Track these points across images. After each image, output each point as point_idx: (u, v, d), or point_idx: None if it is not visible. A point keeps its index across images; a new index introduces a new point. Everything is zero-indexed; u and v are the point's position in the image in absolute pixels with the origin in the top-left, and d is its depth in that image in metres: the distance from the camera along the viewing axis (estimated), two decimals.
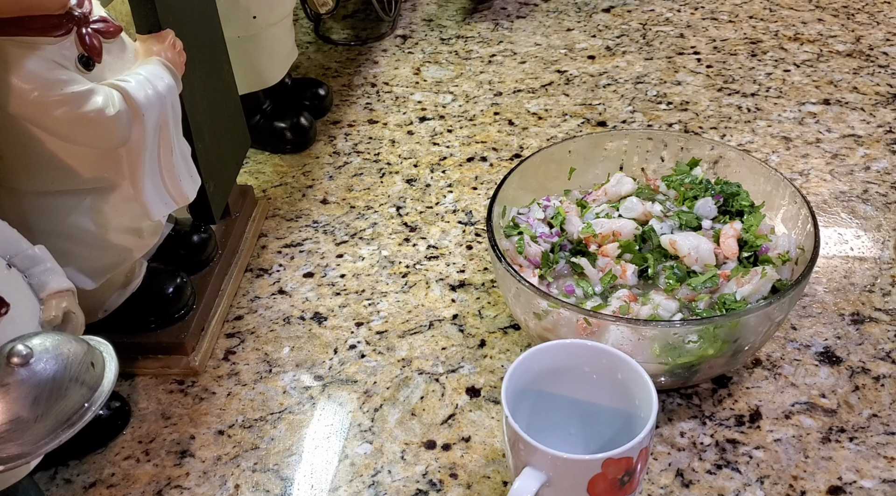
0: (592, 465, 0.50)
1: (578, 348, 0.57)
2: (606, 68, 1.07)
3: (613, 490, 0.52)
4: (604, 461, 0.49)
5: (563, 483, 0.51)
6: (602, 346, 0.57)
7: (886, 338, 0.72)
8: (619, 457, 0.50)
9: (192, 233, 0.77)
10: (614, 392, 0.57)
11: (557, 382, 0.58)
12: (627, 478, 0.51)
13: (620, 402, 0.57)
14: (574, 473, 0.51)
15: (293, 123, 0.95)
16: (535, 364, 0.57)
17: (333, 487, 0.63)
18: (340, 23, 1.20)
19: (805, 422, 0.65)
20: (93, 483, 0.64)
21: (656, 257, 0.69)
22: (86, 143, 0.59)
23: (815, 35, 1.11)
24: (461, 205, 0.88)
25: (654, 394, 0.53)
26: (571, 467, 0.50)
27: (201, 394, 0.70)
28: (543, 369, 0.57)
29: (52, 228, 0.62)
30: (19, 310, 0.50)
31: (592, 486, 0.51)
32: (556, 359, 0.57)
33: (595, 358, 0.57)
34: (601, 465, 0.50)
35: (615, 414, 0.57)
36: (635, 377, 0.55)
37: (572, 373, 0.58)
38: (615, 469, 0.50)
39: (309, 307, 0.77)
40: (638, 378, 0.55)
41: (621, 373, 0.56)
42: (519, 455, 0.52)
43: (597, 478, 0.50)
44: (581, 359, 0.57)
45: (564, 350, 0.57)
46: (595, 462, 0.50)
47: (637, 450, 0.51)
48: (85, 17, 0.57)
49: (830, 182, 0.88)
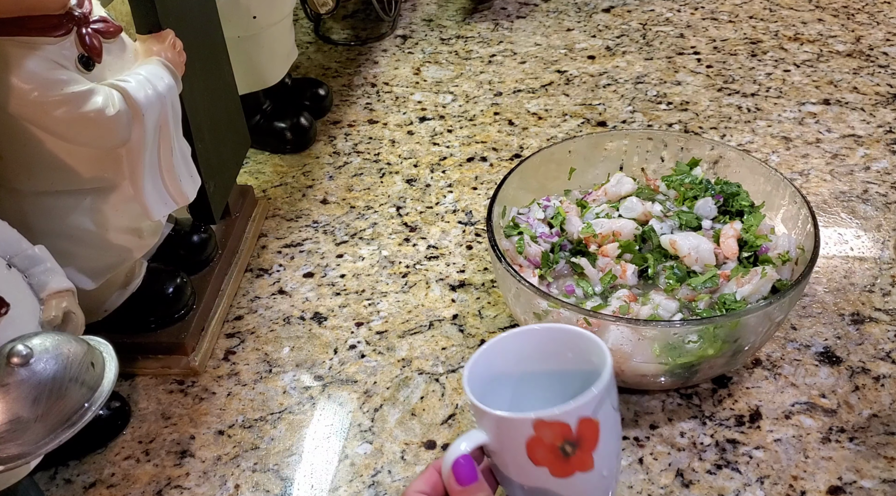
0: (524, 426, 0.47)
1: (552, 333, 0.54)
2: (606, 68, 1.07)
3: (557, 460, 0.48)
4: (534, 422, 0.47)
5: (502, 444, 0.49)
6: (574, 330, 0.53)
7: (886, 338, 0.72)
8: (550, 419, 0.47)
9: (192, 233, 0.77)
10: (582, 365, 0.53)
11: (539, 363, 0.55)
12: (571, 449, 0.48)
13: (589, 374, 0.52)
14: (509, 434, 0.48)
15: (293, 123, 0.95)
16: (513, 346, 0.54)
17: (333, 487, 0.63)
18: (340, 23, 1.20)
19: (805, 422, 0.65)
20: (93, 483, 0.64)
21: (656, 257, 0.69)
22: (86, 143, 0.59)
23: (815, 35, 1.11)
24: (461, 205, 0.88)
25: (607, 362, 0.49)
26: (504, 426, 0.48)
27: (201, 394, 0.70)
28: (522, 353, 0.54)
29: (52, 228, 0.62)
30: (19, 310, 0.50)
31: (531, 451, 0.48)
32: (529, 345, 0.54)
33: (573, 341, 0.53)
34: (532, 426, 0.47)
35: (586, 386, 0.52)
36: (594, 349, 0.51)
37: (555, 356, 0.55)
38: (550, 434, 0.47)
39: (309, 307, 0.77)
40: (596, 349, 0.51)
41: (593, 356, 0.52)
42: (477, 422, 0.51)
43: (533, 443, 0.47)
44: (557, 344, 0.54)
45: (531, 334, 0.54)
46: (525, 422, 0.47)
47: (574, 417, 0.47)
48: (85, 17, 0.57)
49: (830, 182, 0.88)
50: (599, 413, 0.48)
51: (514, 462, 0.49)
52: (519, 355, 0.55)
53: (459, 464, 0.48)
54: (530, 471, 0.49)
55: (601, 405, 0.48)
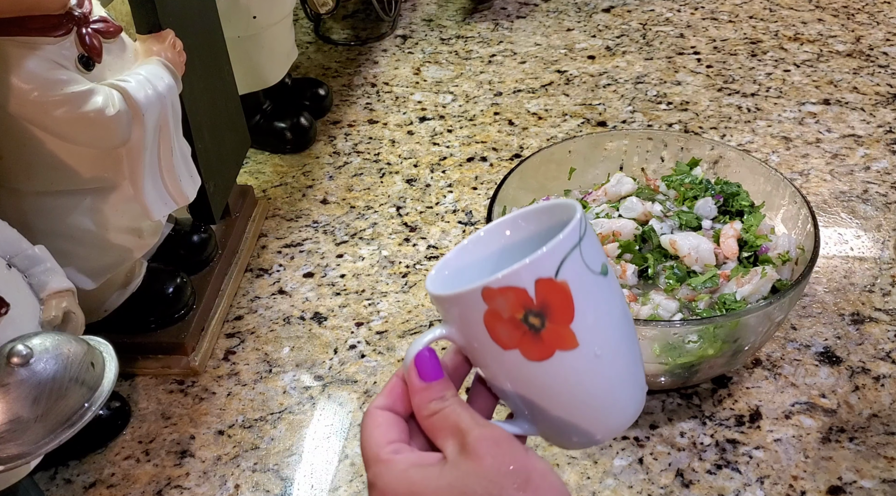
0: (473, 300, 0.40)
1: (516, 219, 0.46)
2: (606, 68, 1.07)
3: (525, 337, 0.40)
4: (482, 290, 0.39)
5: (461, 327, 0.42)
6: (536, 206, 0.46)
7: (886, 338, 0.72)
8: (499, 285, 0.39)
9: (192, 233, 0.77)
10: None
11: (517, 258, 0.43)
12: (538, 322, 0.40)
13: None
14: (462, 313, 0.41)
15: (293, 123, 0.95)
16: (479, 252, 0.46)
17: (333, 487, 0.63)
18: (340, 23, 1.20)
19: (805, 422, 0.65)
20: (93, 483, 0.64)
21: (656, 257, 0.69)
22: (86, 143, 0.59)
23: (815, 35, 1.11)
24: (461, 205, 0.88)
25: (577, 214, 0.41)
26: (455, 305, 0.41)
27: (201, 394, 0.70)
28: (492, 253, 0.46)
29: (52, 228, 0.62)
30: (19, 310, 0.50)
31: (492, 329, 0.40)
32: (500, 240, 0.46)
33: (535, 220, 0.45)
34: (482, 297, 0.40)
35: None
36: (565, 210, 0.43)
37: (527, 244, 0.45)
38: (504, 303, 0.40)
39: (309, 307, 0.77)
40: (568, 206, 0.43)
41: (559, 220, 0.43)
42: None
43: (490, 317, 0.40)
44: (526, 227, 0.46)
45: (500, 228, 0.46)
46: (474, 293, 0.40)
47: (527, 278, 0.39)
48: (85, 17, 0.57)
49: (830, 182, 0.88)
50: (566, 273, 0.40)
51: (483, 351, 0.42)
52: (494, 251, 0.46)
53: (423, 357, 0.42)
54: (503, 359, 0.41)
55: (567, 263, 0.40)
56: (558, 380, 0.41)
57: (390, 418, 0.41)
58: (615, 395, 0.42)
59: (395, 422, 0.41)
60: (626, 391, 0.43)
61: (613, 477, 0.62)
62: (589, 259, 0.40)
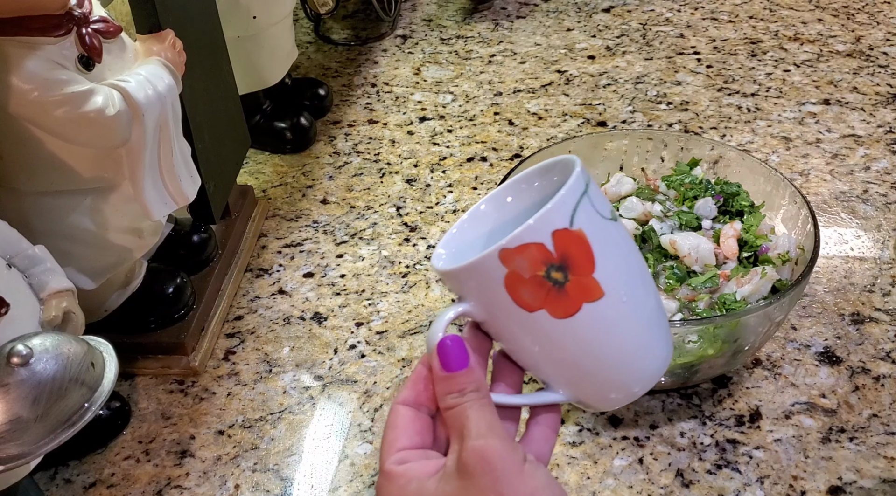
0: (492, 265, 0.38)
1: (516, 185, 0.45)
2: (606, 68, 1.07)
3: (551, 295, 0.39)
4: (499, 253, 0.38)
5: (480, 299, 0.40)
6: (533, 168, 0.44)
7: (886, 338, 0.72)
8: (516, 244, 0.38)
9: (192, 233, 0.77)
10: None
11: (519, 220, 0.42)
12: (561, 275, 0.39)
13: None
14: (481, 282, 0.40)
15: (293, 123, 0.95)
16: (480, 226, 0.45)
17: (333, 487, 0.63)
18: (340, 23, 1.20)
19: (805, 422, 0.65)
20: (93, 483, 0.64)
21: (656, 257, 0.69)
22: (86, 143, 0.59)
23: (815, 35, 1.11)
24: (461, 205, 0.88)
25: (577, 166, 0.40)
26: (472, 275, 0.40)
27: (201, 394, 0.70)
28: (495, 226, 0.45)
29: (52, 228, 0.62)
30: (19, 310, 0.50)
31: (514, 292, 0.39)
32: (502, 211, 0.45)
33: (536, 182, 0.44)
34: (500, 260, 0.38)
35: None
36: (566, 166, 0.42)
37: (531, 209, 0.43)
38: (524, 262, 0.38)
39: (309, 307, 0.77)
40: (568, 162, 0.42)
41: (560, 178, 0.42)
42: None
43: (512, 281, 0.39)
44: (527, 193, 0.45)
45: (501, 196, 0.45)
46: (491, 259, 0.38)
47: (544, 232, 0.38)
48: (85, 17, 0.57)
49: (830, 182, 0.88)
50: (580, 221, 0.39)
51: (508, 319, 0.40)
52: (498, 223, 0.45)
53: (446, 345, 0.39)
54: (530, 323, 0.39)
55: (579, 211, 0.39)
56: (590, 334, 0.40)
57: (409, 417, 0.39)
58: (647, 341, 0.41)
59: (413, 421, 0.39)
60: (655, 335, 0.42)
61: (613, 477, 0.62)
62: (598, 205, 0.39)
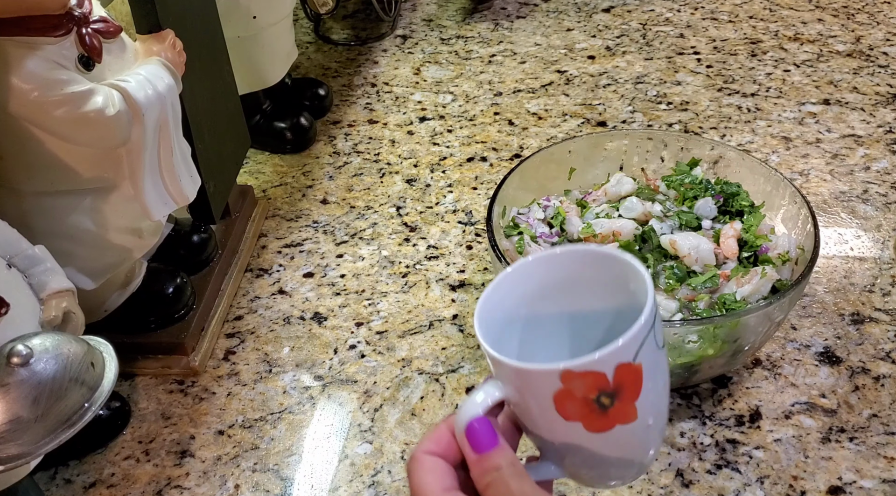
0: (550, 379, 0.40)
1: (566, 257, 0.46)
2: (606, 68, 1.07)
3: (592, 413, 0.41)
4: (561, 373, 0.39)
5: (526, 399, 0.42)
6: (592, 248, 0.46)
7: (886, 338, 0.72)
8: (581, 369, 0.39)
9: (192, 233, 0.77)
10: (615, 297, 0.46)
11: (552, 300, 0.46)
12: (609, 401, 0.40)
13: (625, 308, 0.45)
14: (532, 388, 0.41)
15: (293, 123, 0.95)
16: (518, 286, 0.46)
17: (333, 487, 0.63)
18: (340, 23, 1.20)
19: (805, 422, 0.65)
20: (93, 483, 0.64)
21: (656, 257, 0.69)
22: (86, 143, 0.59)
23: (815, 35, 1.11)
24: (461, 205, 0.88)
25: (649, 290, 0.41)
26: (527, 380, 0.41)
27: (201, 394, 0.70)
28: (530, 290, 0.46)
29: (52, 228, 0.62)
30: (19, 310, 0.50)
31: (560, 405, 0.41)
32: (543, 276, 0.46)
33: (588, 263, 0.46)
34: (560, 378, 0.40)
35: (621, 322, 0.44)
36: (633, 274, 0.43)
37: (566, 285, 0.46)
38: (582, 385, 0.40)
39: (309, 307, 0.77)
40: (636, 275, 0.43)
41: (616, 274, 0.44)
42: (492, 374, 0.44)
43: (561, 396, 0.40)
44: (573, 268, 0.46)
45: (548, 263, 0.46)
46: (552, 373, 0.40)
47: (610, 364, 0.39)
48: (85, 17, 0.57)
49: (830, 182, 0.88)
50: (642, 355, 0.40)
51: (540, 417, 0.42)
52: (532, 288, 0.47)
53: (474, 428, 0.40)
54: (560, 427, 0.41)
55: (644, 345, 0.40)
56: (611, 445, 0.42)
57: (441, 465, 0.40)
58: (654, 448, 0.44)
59: (447, 469, 0.40)
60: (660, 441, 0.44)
61: None
62: (658, 336, 0.41)
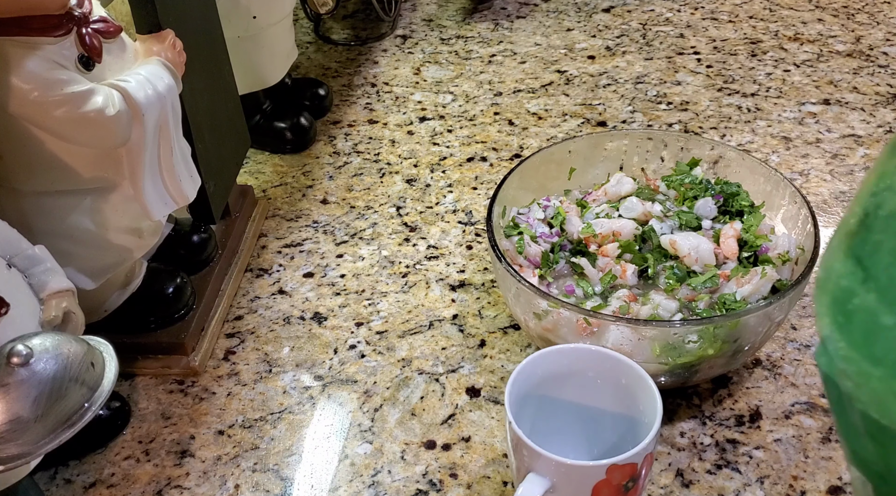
0: (596, 472, 0.50)
1: (582, 353, 0.57)
2: (606, 68, 1.07)
3: (616, 493, 0.51)
4: (608, 467, 0.49)
5: (567, 489, 0.51)
6: (606, 351, 0.56)
7: None
8: (623, 463, 0.49)
9: (192, 233, 0.77)
10: (618, 396, 0.57)
11: (561, 387, 0.58)
12: (632, 484, 0.51)
13: (625, 407, 0.57)
14: (578, 479, 0.50)
15: (293, 123, 0.95)
16: (539, 368, 0.56)
17: (333, 487, 0.63)
18: (340, 23, 1.20)
19: (805, 422, 0.65)
20: (93, 483, 0.64)
21: (656, 257, 0.69)
22: (86, 144, 0.59)
23: (815, 35, 1.11)
24: (461, 205, 0.88)
25: (658, 399, 0.52)
26: (575, 473, 0.50)
27: (201, 394, 0.70)
28: (547, 374, 0.57)
29: (52, 228, 0.62)
30: (19, 310, 0.50)
31: (597, 492, 0.50)
32: (559, 364, 0.57)
33: (599, 362, 0.57)
34: (605, 472, 0.49)
35: (619, 419, 0.57)
36: (639, 382, 0.55)
37: (576, 377, 0.57)
38: (620, 475, 0.50)
39: (309, 307, 0.77)
40: (642, 382, 0.54)
41: (625, 378, 0.56)
42: (522, 459, 0.52)
43: (601, 485, 0.50)
44: (585, 363, 0.57)
45: (568, 354, 0.57)
46: (599, 468, 0.49)
47: (641, 456, 0.50)
48: (85, 17, 0.57)
49: (830, 182, 0.88)
50: (655, 444, 0.51)
51: None
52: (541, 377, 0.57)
53: None
54: None
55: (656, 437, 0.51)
56: None
57: None
58: None
59: None
60: None
61: None
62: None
